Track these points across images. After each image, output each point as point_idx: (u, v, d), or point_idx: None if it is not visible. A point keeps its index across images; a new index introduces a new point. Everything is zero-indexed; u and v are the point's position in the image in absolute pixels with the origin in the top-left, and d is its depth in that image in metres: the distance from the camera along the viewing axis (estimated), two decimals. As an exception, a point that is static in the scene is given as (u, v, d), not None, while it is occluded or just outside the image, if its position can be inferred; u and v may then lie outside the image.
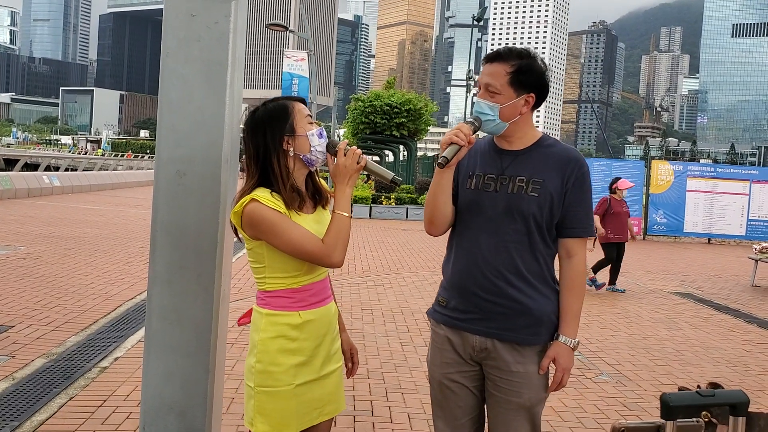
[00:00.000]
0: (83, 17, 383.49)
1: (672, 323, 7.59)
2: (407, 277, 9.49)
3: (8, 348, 5.03)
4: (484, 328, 2.27)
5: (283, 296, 2.21)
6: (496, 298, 2.25)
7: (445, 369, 2.35)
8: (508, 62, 2.22)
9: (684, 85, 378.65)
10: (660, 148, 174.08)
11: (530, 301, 2.25)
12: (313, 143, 2.20)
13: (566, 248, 2.31)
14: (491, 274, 2.25)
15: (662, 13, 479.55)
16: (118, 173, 32.09)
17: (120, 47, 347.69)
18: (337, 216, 2.17)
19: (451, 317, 2.34)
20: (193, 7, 2.50)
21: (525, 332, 2.25)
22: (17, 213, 14.69)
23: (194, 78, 2.52)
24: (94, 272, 8.33)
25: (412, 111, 32.73)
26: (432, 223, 2.36)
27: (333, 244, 2.15)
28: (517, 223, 2.25)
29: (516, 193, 2.24)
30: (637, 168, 19.09)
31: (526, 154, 2.29)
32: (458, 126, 2.20)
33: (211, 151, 2.54)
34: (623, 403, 4.77)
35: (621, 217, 9.52)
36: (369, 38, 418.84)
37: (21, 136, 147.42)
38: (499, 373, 2.27)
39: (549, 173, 2.25)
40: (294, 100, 2.26)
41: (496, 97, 2.23)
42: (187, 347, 2.58)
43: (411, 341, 6.07)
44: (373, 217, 20.90)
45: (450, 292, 2.36)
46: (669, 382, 5.33)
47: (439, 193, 2.29)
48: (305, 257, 2.15)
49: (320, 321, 2.25)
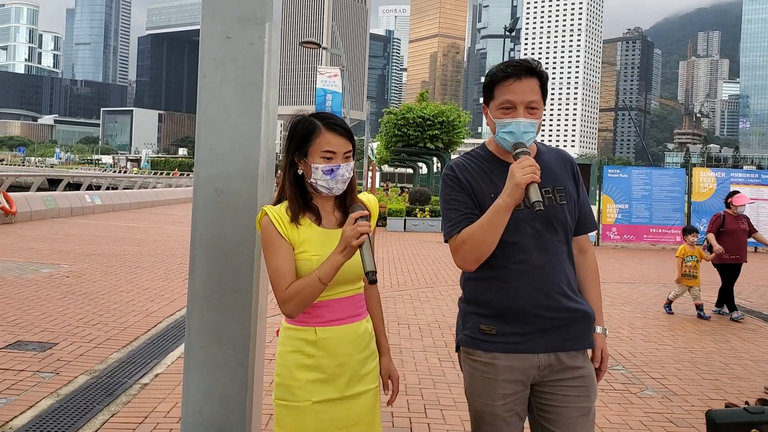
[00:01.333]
0: (122, 40, 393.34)
1: (719, 335, 7.39)
2: (443, 290, 9.43)
3: (53, 365, 5.13)
4: (548, 345, 2.21)
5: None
6: (557, 313, 2.20)
7: (503, 400, 2.20)
8: (536, 75, 2.18)
9: (724, 90, 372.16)
10: (701, 155, 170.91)
11: (582, 305, 2.27)
12: (315, 176, 2.14)
13: (580, 245, 2.36)
14: (550, 291, 2.19)
15: (699, 18, 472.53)
16: (158, 191, 32.65)
17: (158, 68, 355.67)
18: (312, 276, 2.05)
19: (509, 343, 2.20)
20: (228, 30, 2.54)
21: (585, 336, 2.28)
22: (61, 232, 15.04)
23: (230, 98, 2.55)
24: (135, 289, 8.46)
25: (445, 123, 32.71)
26: (479, 261, 2.18)
27: (291, 295, 2.07)
28: (558, 235, 2.23)
29: (548, 205, 2.20)
30: (677, 176, 18.72)
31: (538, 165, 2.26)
32: (528, 163, 2.03)
33: (248, 169, 2.57)
34: (670, 419, 4.64)
35: (737, 235, 8.46)
36: (401, 52, 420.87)
37: (64, 156, 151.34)
38: (567, 382, 2.22)
39: (563, 178, 2.27)
40: (333, 128, 2.14)
41: (536, 113, 2.18)
42: (226, 364, 2.59)
43: (449, 356, 6.02)
44: (408, 229, 20.87)
45: (500, 319, 2.21)
46: (717, 397, 5.18)
47: (500, 232, 2.12)
48: (272, 288, 2.15)
49: (341, 339, 2.17)
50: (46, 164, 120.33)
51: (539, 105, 2.18)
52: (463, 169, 2.26)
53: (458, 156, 2.39)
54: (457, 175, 2.25)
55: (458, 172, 2.25)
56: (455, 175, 2.25)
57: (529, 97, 2.15)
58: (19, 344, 5.64)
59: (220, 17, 2.54)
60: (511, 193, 2.03)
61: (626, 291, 10.26)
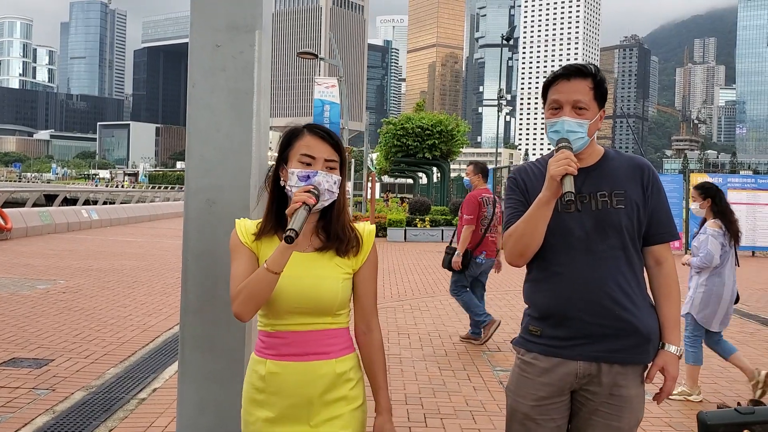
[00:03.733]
0: (118, 53, 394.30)
1: (718, 340, 7.34)
2: (444, 300, 9.39)
3: (49, 381, 5.09)
4: (590, 353, 2.15)
5: (260, 338, 2.02)
6: (602, 320, 2.14)
7: (538, 402, 2.20)
8: (589, 77, 2.19)
9: (721, 97, 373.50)
10: (699, 161, 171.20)
11: (636, 319, 2.16)
12: (290, 182, 1.95)
13: (655, 256, 2.26)
14: (595, 296, 2.14)
15: (695, 25, 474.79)
16: (155, 205, 32.61)
17: (155, 81, 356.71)
18: (260, 267, 1.87)
19: (550, 346, 2.20)
20: (218, 38, 2.52)
21: (633, 352, 2.17)
22: (57, 247, 14.99)
23: (221, 107, 2.53)
24: (132, 304, 8.42)
25: (444, 132, 32.76)
26: (523, 256, 2.21)
27: (237, 291, 1.88)
28: (610, 239, 2.17)
29: (602, 209, 2.18)
30: (675, 182, 18.73)
31: (598, 170, 2.23)
32: (564, 155, 2.05)
33: (240, 178, 2.54)
34: (668, 423, 4.61)
35: None
36: (399, 62, 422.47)
37: (60, 171, 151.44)
38: (600, 398, 2.17)
39: (627, 183, 2.22)
40: (317, 133, 2.00)
41: (585, 114, 2.17)
42: (221, 376, 2.56)
43: (449, 365, 5.98)
44: (408, 240, 20.84)
45: (546, 321, 2.22)
46: (716, 400, 5.15)
47: (542, 226, 2.14)
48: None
49: (292, 378, 1.93)
50: (42, 179, 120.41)
51: (589, 106, 2.18)
52: (522, 172, 2.34)
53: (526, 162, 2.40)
54: (516, 178, 2.34)
55: (518, 175, 2.35)
56: (515, 177, 2.35)
57: (575, 96, 2.16)
58: (14, 361, 5.60)
59: (209, 26, 2.52)
60: (548, 186, 2.06)
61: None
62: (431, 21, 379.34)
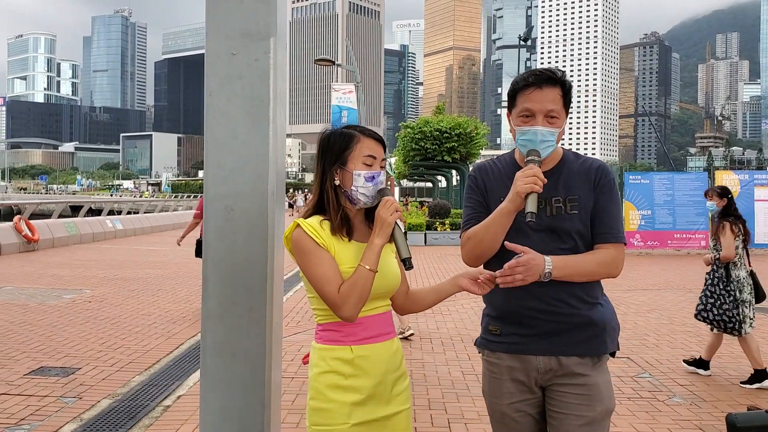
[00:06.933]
0: (139, 65, 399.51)
1: (746, 339, 7.22)
2: (465, 303, 9.35)
3: (75, 390, 5.14)
4: (547, 347, 2.22)
5: (332, 329, 2.14)
6: (554, 317, 2.20)
7: (508, 399, 2.28)
8: (558, 85, 2.20)
9: (745, 92, 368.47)
10: (724, 158, 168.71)
11: (591, 312, 2.22)
12: (356, 183, 2.12)
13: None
14: (547, 297, 2.19)
15: (716, 20, 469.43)
16: (178, 213, 32.88)
17: (176, 91, 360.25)
18: (359, 269, 2.05)
19: (511, 343, 2.27)
20: (233, 46, 2.53)
21: (590, 343, 2.23)
22: (83, 257, 15.18)
23: (238, 115, 2.54)
24: (157, 312, 8.49)
25: (462, 135, 32.62)
26: (480, 259, 2.29)
27: (346, 295, 2.03)
28: (563, 243, 2.21)
29: (556, 215, 2.21)
30: (700, 180, 18.46)
31: (555, 175, 2.25)
32: (531, 172, 2.08)
33: (258, 185, 2.55)
34: (699, 426, 4.54)
35: None
36: (416, 66, 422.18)
37: (85, 183, 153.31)
38: (567, 389, 2.21)
39: (581, 188, 2.24)
40: (370, 134, 2.18)
41: (556, 122, 2.20)
42: (242, 382, 2.56)
43: (472, 369, 5.95)
44: (428, 243, 20.80)
45: (504, 320, 2.30)
46: (746, 402, 5.06)
47: (501, 234, 2.20)
48: (322, 299, 2.08)
49: (376, 358, 2.13)
50: (68, 191, 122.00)
51: (559, 114, 2.20)
52: (483, 172, 2.37)
53: (487, 159, 2.40)
54: (476, 177, 2.38)
55: (477, 174, 2.38)
56: (474, 176, 2.39)
57: (548, 105, 2.18)
58: (42, 370, 5.68)
59: (224, 34, 2.53)
60: (511, 200, 2.13)
61: (651, 298, 10.11)
62: (448, 24, 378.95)
